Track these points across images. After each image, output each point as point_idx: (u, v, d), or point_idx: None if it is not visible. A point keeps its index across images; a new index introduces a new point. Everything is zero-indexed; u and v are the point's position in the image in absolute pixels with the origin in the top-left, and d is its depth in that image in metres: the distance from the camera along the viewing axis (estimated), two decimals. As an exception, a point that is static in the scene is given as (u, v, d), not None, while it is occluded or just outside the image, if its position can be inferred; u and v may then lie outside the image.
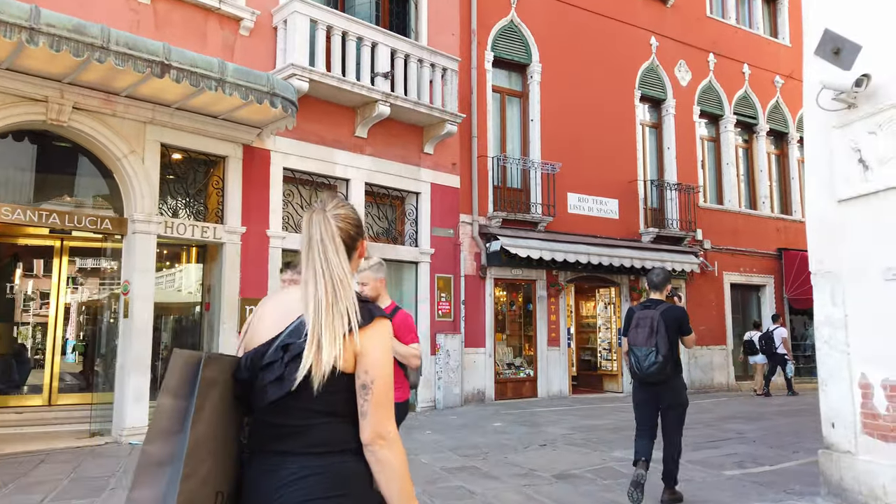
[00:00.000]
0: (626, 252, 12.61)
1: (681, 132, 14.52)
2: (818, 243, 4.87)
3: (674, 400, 4.62)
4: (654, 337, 4.43)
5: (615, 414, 9.63)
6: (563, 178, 12.57)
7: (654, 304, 4.67)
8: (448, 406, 10.49)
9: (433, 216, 10.90)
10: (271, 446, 1.46)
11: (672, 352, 4.52)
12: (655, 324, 4.47)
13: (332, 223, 1.53)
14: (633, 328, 4.63)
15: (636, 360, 4.54)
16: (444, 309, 10.88)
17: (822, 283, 4.82)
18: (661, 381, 4.53)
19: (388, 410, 1.46)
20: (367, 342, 1.46)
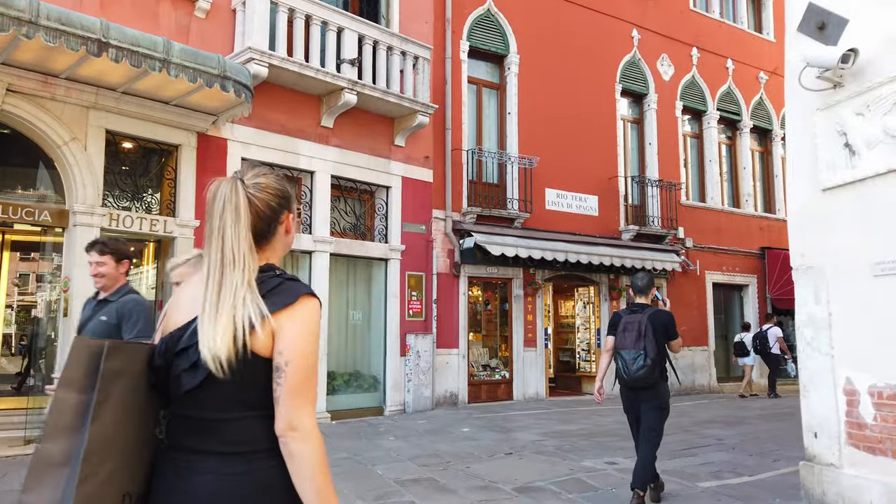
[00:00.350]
0: (605, 250, 12.23)
1: (663, 128, 14.17)
2: (800, 236, 4.48)
3: (655, 403, 4.59)
4: (641, 340, 4.42)
5: (591, 418, 9.22)
6: (541, 174, 12.16)
7: (640, 309, 4.66)
8: (418, 409, 10.03)
9: (404, 211, 10.44)
10: (186, 442, 1.35)
11: (659, 356, 4.50)
12: (643, 328, 4.46)
13: (241, 193, 1.39)
14: (621, 332, 4.61)
15: (623, 363, 4.50)
16: (415, 308, 10.43)
17: (804, 280, 4.42)
18: (648, 385, 4.49)
19: (304, 398, 1.32)
20: (286, 321, 1.33)
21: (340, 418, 9.25)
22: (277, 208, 1.45)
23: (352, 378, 9.81)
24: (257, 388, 1.32)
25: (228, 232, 1.36)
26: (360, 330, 10.11)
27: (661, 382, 4.57)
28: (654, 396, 4.56)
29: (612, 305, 12.90)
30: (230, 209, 1.37)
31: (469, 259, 11.09)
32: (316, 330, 1.37)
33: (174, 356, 1.36)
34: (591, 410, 10.27)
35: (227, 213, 1.36)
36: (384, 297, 10.18)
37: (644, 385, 4.50)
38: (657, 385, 4.52)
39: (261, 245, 1.44)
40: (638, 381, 4.47)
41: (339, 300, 9.86)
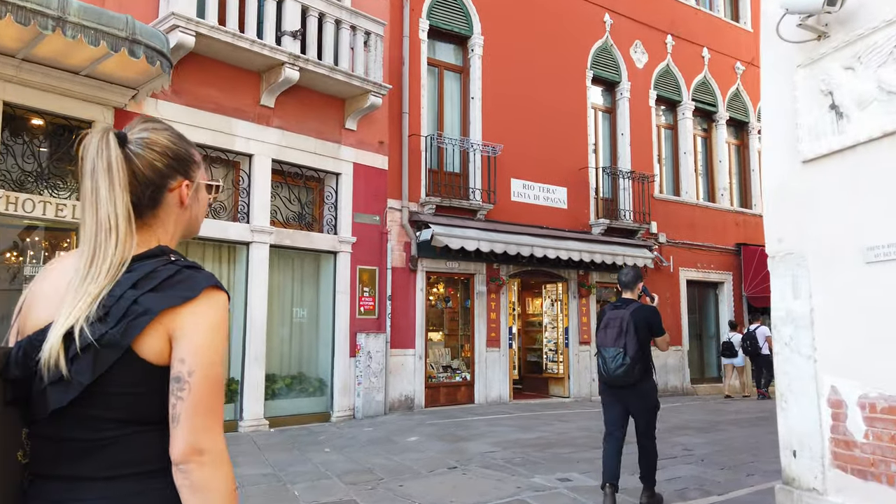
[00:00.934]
0: (574, 245, 11.55)
1: (636, 118, 13.54)
2: (777, 218, 3.79)
3: (642, 405, 4.44)
4: (622, 338, 4.27)
5: (553, 424, 8.52)
6: (506, 163, 11.44)
7: (624, 304, 4.50)
8: (369, 415, 9.25)
9: (356, 200, 9.65)
10: (59, 469, 1.07)
11: (641, 354, 4.32)
12: (625, 324, 4.30)
13: (113, 148, 1.13)
14: (603, 328, 4.46)
15: (603, 361, 4.36)
16: (366, 305, 9.64)
17: (781, 269, 3.73)
18: (629, 384, 4.32)
19: (213, 416, 1.07)
20: (188, 320, 1.07)
21: (281, 425, 8.44)
22: (165, 171, 1.20)
23: (295, 381, 9.00)
24: (152, 402, 1.07)
25: (103, 194, 1.12)
26: (306, 329, 9.30)
27: (645, 381, 4.38)
28: (639, 396, 4.40)
29: (581, 303, 12.23)
30: (102, 168, 1.13)
31: (427, 253, 10.33)
32: (224, 332, 1.12)
33: (36, 365, 1.06)
34: (556, 415, 9.58)
35: (99, 174, 1.13)
36: (332, 293, 9.38)
37: (624, 384, 4.33)
38: (640, 384, 4.34)
39: (146, 219, 1.18)
40: (617, 379, 4.31)
41: (281, 296, 9.04)
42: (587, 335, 12.21)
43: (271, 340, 8.75)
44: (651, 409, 4.48)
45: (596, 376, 12.60)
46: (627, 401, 4.43)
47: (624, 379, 4.29)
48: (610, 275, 12.63)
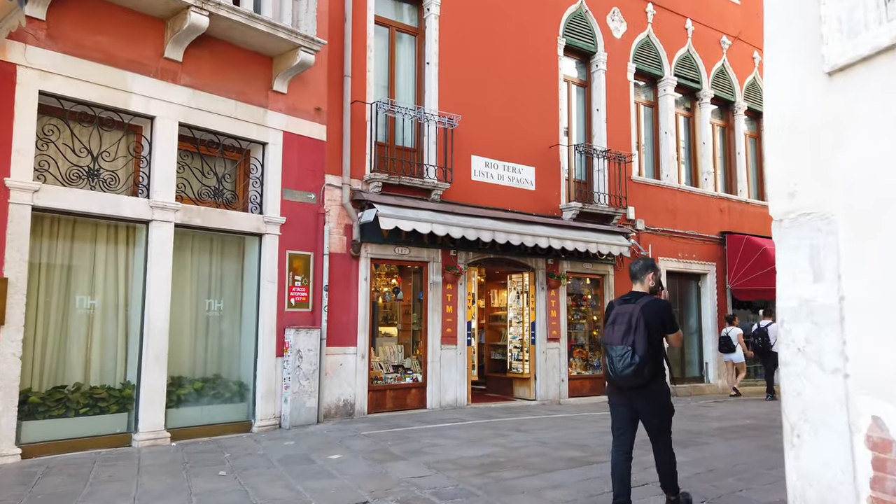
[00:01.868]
0: (542, 230, 10.33)
1: (613, 93, 12.32)
2: (786, 162, 2.56)
3: (654, 407, 4.11)
4: (631, 334, 3.94)
5: (508, 435, 7.30)
6: (466, 138, 10.18)
7: (634, 298, 4.14)
8: (298, 424, 7.97)
9: (286, 175, 8.33)
10: None
11: (652, 352, 3.96)
12: (634, 320, 3.96)
13: None
14: (610, 324, 4.11)
15: (610, 360, 4.02)
16: (298, 296, 8.34)
17: (793, 239, 2.51)
18: (638, 385, 3.98)
19: None
20: None
21: (187, 437, 7.13)
22: None
23: (208, 385, 7.67)
24: None
25: None
26: (223, 324, 7.98)
27: (657, 382, 4.04)
28: (650, 400, 4.07)
29: (550, 295, 11.02)
30: None
31: (373, 237, 9.05)
32: None
33: None
34: (515, 423, 8.36)
35: None
36: (256, 283, 8.07)
37: (633, 385, 3.99)
38: (651, 385, 4.01)
39: None
40: (625, 380, 3.97)
41: (189, 285, 7.71)
42: (556, 331, 11.01)
43: (177, 338, 7.43)
44: (663, 412, 4.11)
45: (565, 377, 11.50)
46: (637, 404, 4.07)
47: (633, 380, 3.92)
48: (582, 264, 11.43)
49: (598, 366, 11.72)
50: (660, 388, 4.07)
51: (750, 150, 15.02)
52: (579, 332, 11.76)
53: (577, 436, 7.33)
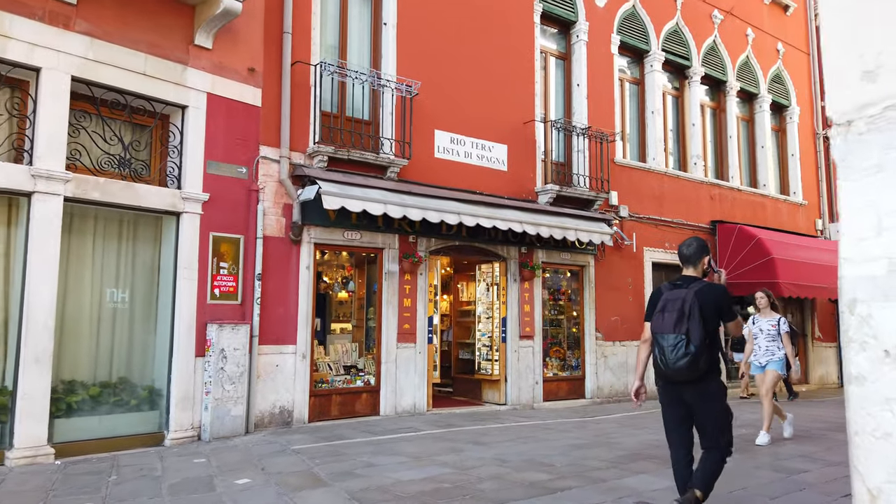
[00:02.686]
0: (515, 214, 9.20)
1: (595, 66, 11.22)
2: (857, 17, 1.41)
3: (709, 406, 3.67)
4: (684, 322, 3.57)
5: (464, 451, 6.16)
6: (430, 110, 9.02)
7: (686, 283, 3.75)
8: (221, 435, 6.78)
9: (211, 145, 7.13)
10: None
11: (708, 343, 3.58)
12: (688, 306, 3.59)
13: None
14: (659, 311, 3.72)
15: (660, 351, 3.65)
16: (224, 286, 7.14)
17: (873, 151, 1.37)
18: (693, 378, 3.62)
19: None
20: None
21: (80, 453, 5.94)
22: None
23: (108, 391, 6.46)
24: None
25: None
26: (129, 318, 6.76)
27: (713, 377, 3.69)
28: (705, 396, 3.69)
29: (524, 287, 9.90)
30: None
31: (317, 219, 7.87)
32: None
33: None
34: (476, 434, 7.23)
35: None
36: (172, 270, 6.87)
37: (687, 378, 3.64)
38: (707, 379, 3.66)
39: None
40: (678, 373, 3.62)
41: (89, 272, 6.50)
42: (530, 328, 9.89)
43: (71, 335, 6.23)
44: (719, 414, 3.72)
45: (540, 379, 10.40)
46: (691, 400, 3.73)
47: (687, 373, 3.61)
48: (560, 254, 10.33)
49: (577, 366, 10.63)
50: (716, 384, 3.70)
51: (742, 133, 13.99)
52: (557, 330, 10.66)
53: (545, 450, 6.21)
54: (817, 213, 14.99)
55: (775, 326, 6.92)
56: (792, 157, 14.67)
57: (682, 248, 3.90)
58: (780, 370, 6.89)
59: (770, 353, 6.90)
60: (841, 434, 7.32)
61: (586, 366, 10.59)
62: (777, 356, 6.86)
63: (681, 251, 3.92)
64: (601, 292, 10.79)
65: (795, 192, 14.55)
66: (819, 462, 5.79)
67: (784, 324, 6.96)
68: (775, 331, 6.91)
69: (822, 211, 15.04)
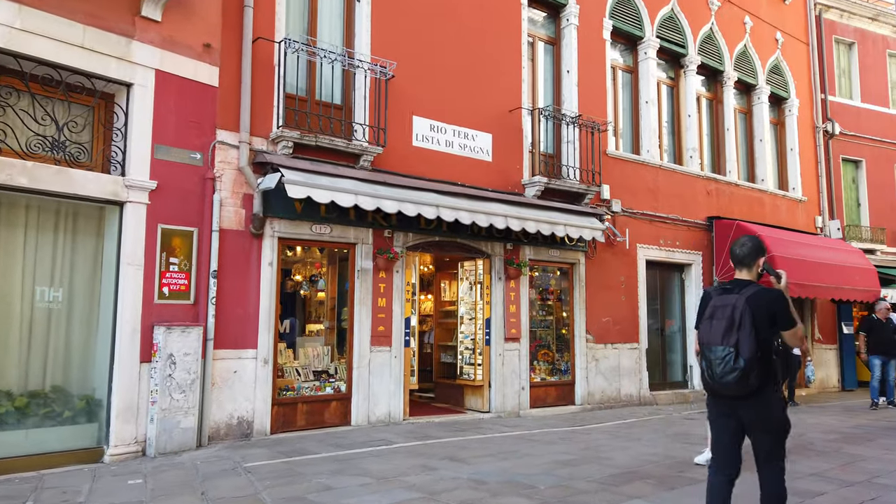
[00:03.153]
0: (499, 208, 8.56)
1: (586, 53, 10.58)
2: None
3: (763, 422, 3.25)
4: (734, 332, 3.21)
5: (440, 467, 5.49)
6: (407, 95, 8.36)
7: (737, 287, 3.36)
8: (168, 450, 6.08)
9: (160, 127, 6.44)
10: None
11: (761, 354, 3.19)
12: (738, 314, 3.22)
13: None
14: (707, 319, 3.36)
15: (708, 364, 3.30)
16: (174, 284, 6.44)
17: None
18: (743, 394, 3.21)
19: None
20: None
21: (1, 472, 5.23)
22: None
23: (37, 402, 5.75)
24: None
25: None
26: (66, 320, 6.05)
27: (768, 390, 3.24)
28: (760, 414, 3.24)
29: (509, 286, 9.24)
30: None
31: (282, 211, 7.19)
32: None
33: None
34: (457, 445, 6.56)
35: None
36: (115, 266, 6.17)
37: (736, 394, 3.22)
38: (760, 395, 3.21)
39: None
40: (727, 388, 3.23)
41: (15, 268, 5.80)
42: (516, 329, 9.23)
43: (-8, 337, 5.51)
44: (776, 429, 3.31)
45: (526, 385, 9.74)
46: (742, 416, 3.32)
47: (737, 388, 3.21)
48: (548, 250, 9.68)
49: (566, 370, 9.99)
50: (772, 397, 3.30)
51: (740, 126, 13.40)
52: (545, 331, 10.01)
53: (528, 468, 5.56)
54: (817, 210, 14.42)
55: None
56: (791, 151, 14.10)
57: (735, 248, 3.48)
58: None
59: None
60: (854, 447, 6.72)
61: (576, 370, 9.94)
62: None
63: (733, 251, 3.50)
64: (592, 292, 10.15)
65: (794, 187, 13.98)
66: (835, 482, 5.16)
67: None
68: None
69: (821, 208, 14.47)
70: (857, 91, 15.62)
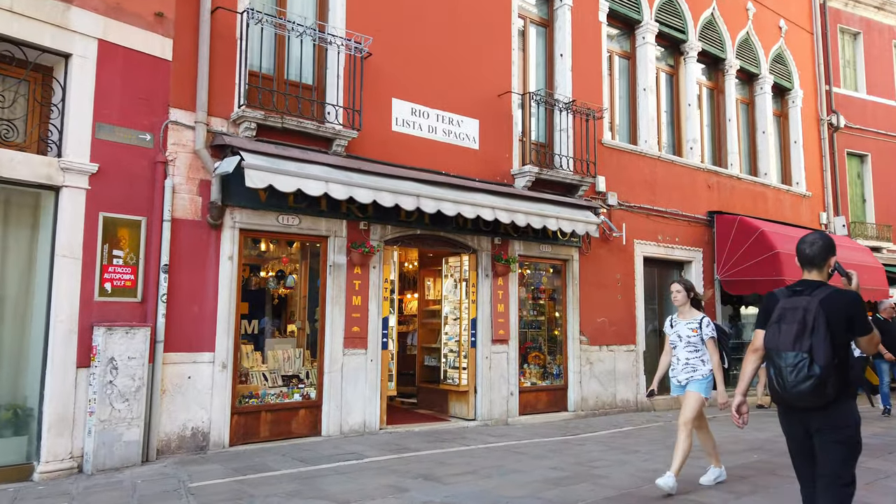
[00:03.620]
0: (486, 199, 7.89)
1: (580, 36, 9.92)
2: None
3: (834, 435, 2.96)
4: (807, 337, 2.95)
5: (411, 488, 4.82)
6: (387, 75, 7.69)
7: (808, 288, 3.08)
8: (108, 466, 5.39)
9: (103, 103, 5.75)
10: None
11: (837, 361, 2.94)
12: (811, 317, 2.95)
13: None
14: (775, 322, 3.07)
15: (777, 372, 3.00)
16: (118, 279, 5.76)
17: None
18: (818, 405, 2.95)
19: None
20: None
21: None
22: None
23: (-46, 412, 5.07)
24: None
25: None
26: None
27: (844, 402, 2.98)
28: (833, 424, 2.98)
29: (497, 284, 8.57)
30: None
31: (244, 199, 6.50)
32: None
33: None
34: (435, 460, 5.89)
35: None
36: (49, 259, 5.47)
37: (810, 405, 2.96)
38: (837, 406, 2.95)
39: None
40: (799, 398, 2.95)
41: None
42: (504, 330, 8.57)
43: None
44: (846, 447, 2.95)
45: (515, 390, 9.05)
46: (812, 428, 3.00)
47: (811, 398, 2.90)
48: (539, 245, 9.02)
49: (559, 374, 9.33)
50: (848, 411, 3.01)
51: (742, 117, 12.77)
52: (535, 332, 9.36)
53: (513, 487, 4.89)
54: (822, 206, 13.80)
55: (697, 331, 5.05)
56: (794, 143, 13.47)
57: (804, 247, 3.19)
58: (705, 391, 5.03)
59: (692, 368, 5.04)
60: (873, 460, 5.99)
61: (569, 374, 9.28)
62: (700, 372, 5.01)
63: (801, 250, 3.21)
64: (586, 290, 9.49)
65: (798, 182, 13.36)
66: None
67: (708, 326, 5.07)
68: (697, 337, 5.05)
69: (826, 203, 13.86)
70: (862, 83, 15.02)
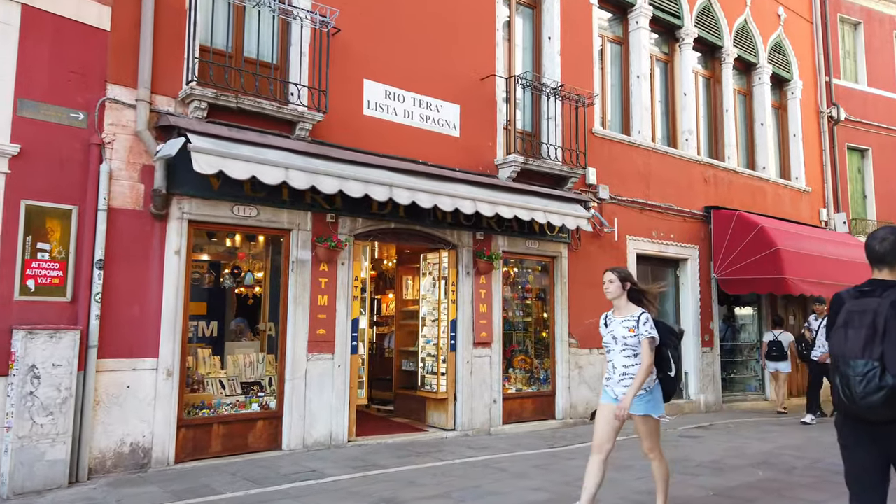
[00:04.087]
0: (467, 190, 7.25)
1: (569, 18, 9.29)
2: None
3: None
4: (877, 344, 2.65)
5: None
6: (358, 54, 7.04)
7: (878, 289, 2.78)
8: (28, 489, 4.72)
9: (27, 76, 5.08)
10: None
11: None
12: (881, 321, 2.66)
13: None
14: (841, 327, 2.78)
15: (843, 381, 2.69)
16: (44, 276, 5.08)
17: None
18: (892, 418, 2.63)
19: None
20: None
21: None
22: None
23: None
24: None
25: None
26: None
27: None
28: None
29: (479, 282, 7.93)
30: None
31: (193, 187, 5.83)
32: None
33: None
34: (405, 479, 5.24)
35: None
36: (-41, 252, 4.79)
37: (883, 418, 2.63)
38: None
39: None
40: (870, 411, 2.62)
41: None
42: (487, 332, 7.92)
43: None
44: None
45: (499, 397, 8.37)
46: (883, 440, 2.68)
47: (883, 411, 2.58)
48: (525, 241, 8.38)
49: (546, 379, 8.69)
50: None
51: (740, 108, 12.19)
52: (521, 334, 8.72)
53: (489, 517, 4.25)
54: (821, 202, 13.24)
55: (634, 331, 4.09)
56: (794, 137, 12.90)
57: (874, 243, 2.86)
58: (654, 410, 4.08)
59: (631, 379, 4.06)
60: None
61: (557, 379, 8.64)
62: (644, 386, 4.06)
63: (871, 247, 2.89)
64: (576, 289, 8.86)
65: (798, 177, 12.79)
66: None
67: (646, 324, 4.08)
68: (635, 338, 4.09)
69: (826, 199, 13.30)
70: (863, 74, 14.48)
